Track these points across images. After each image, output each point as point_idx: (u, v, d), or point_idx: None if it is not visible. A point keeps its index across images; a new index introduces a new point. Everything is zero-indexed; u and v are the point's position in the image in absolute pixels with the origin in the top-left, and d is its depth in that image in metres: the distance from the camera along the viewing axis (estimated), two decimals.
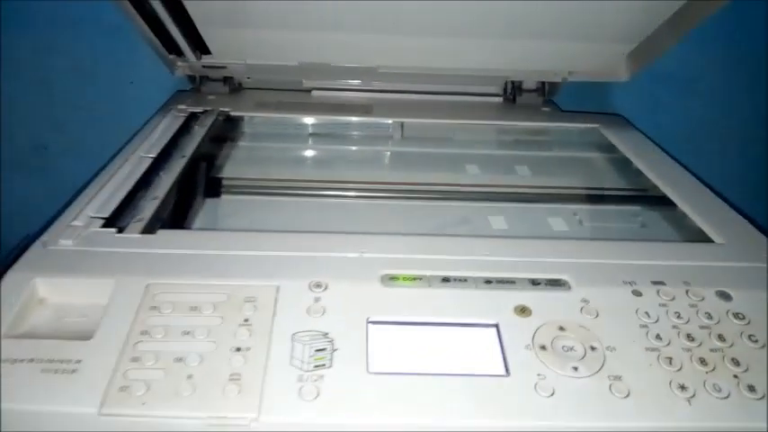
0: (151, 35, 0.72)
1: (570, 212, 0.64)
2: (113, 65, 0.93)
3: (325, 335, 0.40)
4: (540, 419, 0.36)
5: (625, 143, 0.74)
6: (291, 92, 0.85)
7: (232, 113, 0.78)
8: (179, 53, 0.78)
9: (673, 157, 0.70)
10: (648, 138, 0.76)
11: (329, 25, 0.72)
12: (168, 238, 0.49)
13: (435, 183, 0.68)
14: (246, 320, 0.40)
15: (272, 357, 0.38)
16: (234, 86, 0.85)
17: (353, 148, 0.80)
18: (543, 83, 0.86)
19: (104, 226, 0.50)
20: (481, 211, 0.63)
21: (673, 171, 0.66)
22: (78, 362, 0.37)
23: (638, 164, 0.68)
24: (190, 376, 0.37)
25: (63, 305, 0.43)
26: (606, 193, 0.70)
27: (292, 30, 0.73)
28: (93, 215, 0.51)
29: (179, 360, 0.37)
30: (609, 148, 0.76)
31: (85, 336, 0.39)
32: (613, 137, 0.76)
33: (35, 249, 0.47)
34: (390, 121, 0.80)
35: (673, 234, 0.59)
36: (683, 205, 0.59)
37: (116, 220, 0.52)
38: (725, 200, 0.60)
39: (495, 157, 0.78)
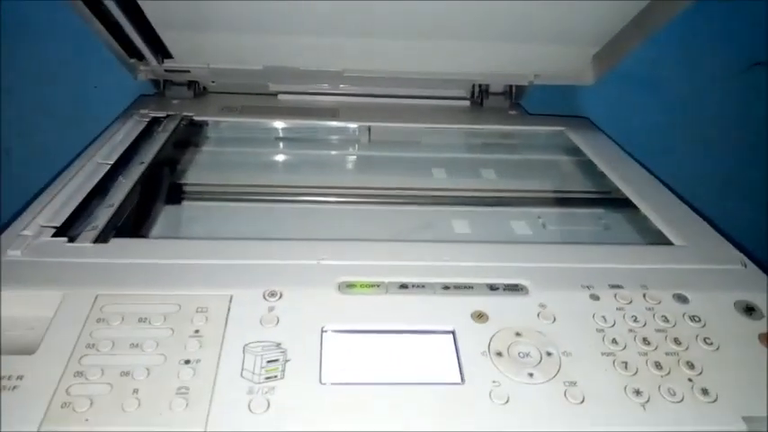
0: (110, 39, 0.70)
1: (534, 216, 0.64)
2: (77, 69, 0.91)
3: (278, 345, 0.39)
4: (494, 427, 0.35)
5: (590, 146, 0.74)
6: (257, 96, 0.84)
7: (196, 118, 0.77)
8: (141, 57, 0.76)
9: (636, 160, 0.70)
10: (613, 140, 0.76)
11: (294, 28, 0.71)
12: (121, 248, 0.48)
13: (401, 187, 0.68)
14: (197, 332, 0.39)
15: (222, 369, 0.37)
16: (198, 91, 0.84)
17: (319, 152, 0.79)
18: (510, 86, 0.86)
19: (56, 235, 0.49)
20: (445, 215, 0.63)
21: (636, 174, 0.67)
22: (20, 378, 0.36)
23: (602, 167, 0.69)
24: (136, 390, 0.35)
25: (8, 318, 0.41)
26: (570, 196, 0.70)
27: (256, 33, 0.72)
28: (44, 224, 0.50)
29: (125, 374, 0.36)
30: (574, 151, 0.76)
31: (29, 350, 0.38)
32: (579, 140, 0.76)
33: None
34: (357, 125, 0.79)
35: (635, 237, 0.60)
36: (644, 208, 0.59)
37: (68, 228, 0.50)
38: (686, 203, 0.60)
39: (462, 161, 0.78)
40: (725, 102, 0.99)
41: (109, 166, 0.61)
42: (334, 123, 0.79)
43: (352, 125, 0.79)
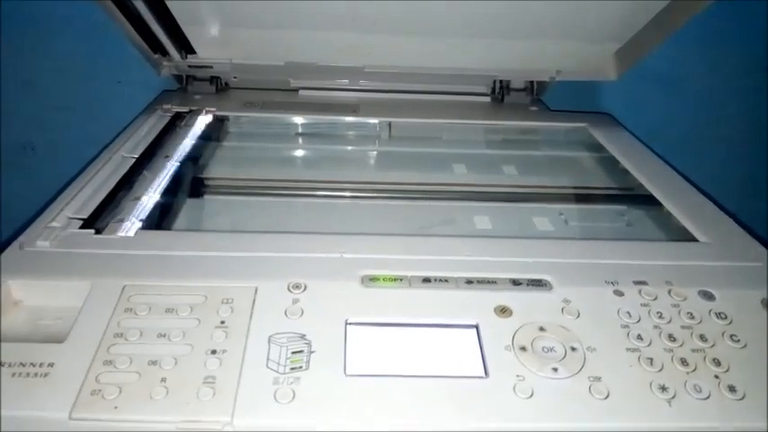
0: (135, 35, 0.71)
1: (556, 212, 0.63)
2: (101, 65, 0.92)
3: (303, 336, 0.39)
4: (518, 421, 0.35)
5: (612, 142, 0.74)
6: (278, 91, 0.85)
7: (218, 113, 0.78)
8: (164, 53, 0.77)
9: (660, 157, 0.69)
10: (636, 137, 0.76)
11: (316, 24, 0.71)
12: (147, 240, 0.48)
13: (421, 183, 0.68)
14: (223, 322, 0.40)
15: (247, 360, 0.37)
16: (220, 86, 0.85)
17: (340, 147, 0.79)
18: (531, 82, 0.85)
19: (83, 227, 0.50)
20: (467, 210, 0.63)
21: (659, 170, 0.66)
22: (51, 365, 0.36)
23: (625, 163, 0.68)
24: (163, 379, 0.36)
25: (38, 308, 0.42)
26: (592, 192, 0.70)
27: (279, 29, 0.73)
28: (71, 216, 0.51)
29: (153, 363, 0.37)
30: (596, 148, 0.75)
31: (59, 339, 0.38)
32: (601, 136, 0.76)
33: (12, 251, 0.46)
34: (377, 121, 0.80)
35: (658, 233, 0.59)
36: (668, 204, 0.59)
37: (95, 221, 0.51)
38: (711, 199, 0.60)
39: (483, 157, 0.78)
40: (746, 99, 0.98)
41: (134, 160, 0.61)
42: (355, 119, 0.79)
43: (373, 121, 0.79)
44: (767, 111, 0.98)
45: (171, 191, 0.61)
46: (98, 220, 0.51)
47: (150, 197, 0.56)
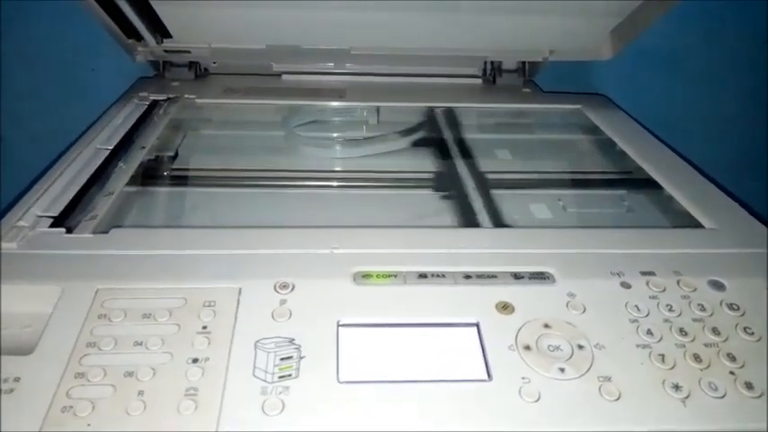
0: (107, 19, 0.67)
1: (554, 198, 0.61)
2: (73, 51, 0.88)
3: (292, 341, 0.36)
4: (526, 428, 0.33)
5: (609, 124, 0.71)
6: (260, 76, 0.81)
7: (197, 100, 0.74)
8: (138, 38, 0.73)
9: (658, 138, 0.67)
10: (633, 118, 0.73)
11: (298, 3, 0.67)
12: (122, 238, 0.45)
13: (412, 170, 0.65)
14: (205, 327, 0.37)
15: (232, 368, 0.35)
16: (199, 72, 0.81)
17: (326, 134, 0.76)
18: (524, 63, 0.83)
19: (53, 225, 0.46)
20: (461, 198, 0.60)
21: (658, 153, 0.64)
22: (17, 380, 0.33)
23: (623, 145, 0.66)
24: (141, 392, 0.33)
25: (3, 315, 0.39)
26: (591, 176, 0.67)
27: (259, 8, 0.69)
28: (40, 214, 0.48)
29: (129, 374, 0.34)
30: (592, 130, 0.73)
31: (26, 350, 0.35)
32: (597, 118, 0.73)
33: None
34: (365, 106, 0.76)
35: (661, 219, 0.57)
36: (670, 189, 0.57)
37: (66, 218, 0.48)
38: (713, 182, 0.57)
39: (475, 142, 0.75)
40: (744, 78, 0.96)
41: (108, 152, 0.58)
42: (342, 104, 0.76)
43: (361, 105, 0.76)
44: (764, 89, 0.96)
45: (148, 184, 0.58)
46: (69, 217, 0.48)
47: (126, 191, 0.53)
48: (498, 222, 0.53)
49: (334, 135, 0.75)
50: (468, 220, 0.55)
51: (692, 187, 0.56)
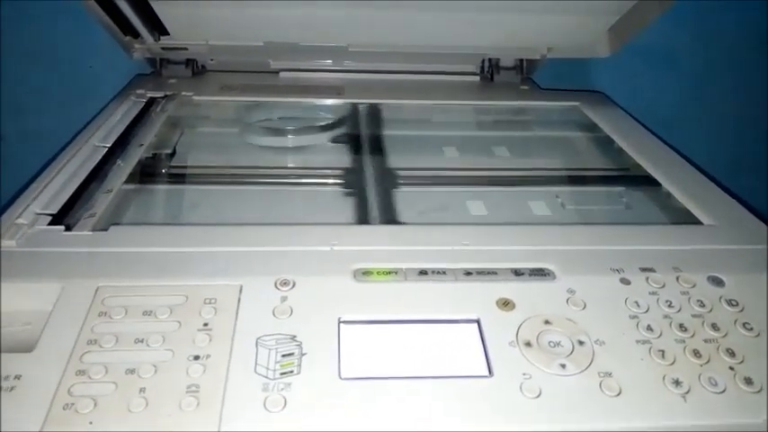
0: (104, 15, 0.67)
1: (552, 195, 0.61)
2: (70, 48, 0.88)
3: (293, 338, 0.36)
4: (527, 424, 0.33)
5: (606, 121, 0.71)
6: (258, 74, 0.81)
7: (195, 97, 0.74)
8: (135, 35, 0.73)
9: (656, 135, 0.67)
10: (630, 115, 0.73)
11: (296, 2, 0.67)
12: (122, 235, 0.45)
13: (410, 167, 0.65)
14: (206, 324, 0.37)
15: (234, 365, 0.35)
16: (197, 69, 0.81)
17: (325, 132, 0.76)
18: (521, 60, 0.83)
19: (52, 223, 0.46)
20: (459, 196, 0.60)
21: (657, 150, 0.64)
22: (18, 377, 0.33)
23: (621, 142, 0.66)
24: (142, 389, 0.33)
25: (3, 314, 0.39)
26: (589, 173, 0.67)
27: (257, 6, 0.69)
28: (39, 212, 0.47)
29: (131, 372, 0.34)
30: (590, 127, 0.73)
31: (27, 347, 0.35)
32: (594, 115, 0.73)
33: None
34: (363, 103, 0.76)
35: (659, 216, 0.57)
36: (668, 185, 0.57)
37: (65, 216, 0.48)
38: (711, 178, 0.58)
39: (473, 139, 0.75)
40: (741, 76, 0.96)
41: (106, 150, 0.58)
42: (340, 101, 0.76)
43: (358, 102, 0.76)
44: (760, 88, 0.96)
45: (146, 181, 0.58)
46: (68, 215, 0.48)
47: (124, 189, 0.53)
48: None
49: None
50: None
51: (691, 184, 0.56)
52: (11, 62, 0.88)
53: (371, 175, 0.63)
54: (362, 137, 0.71)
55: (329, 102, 0.76)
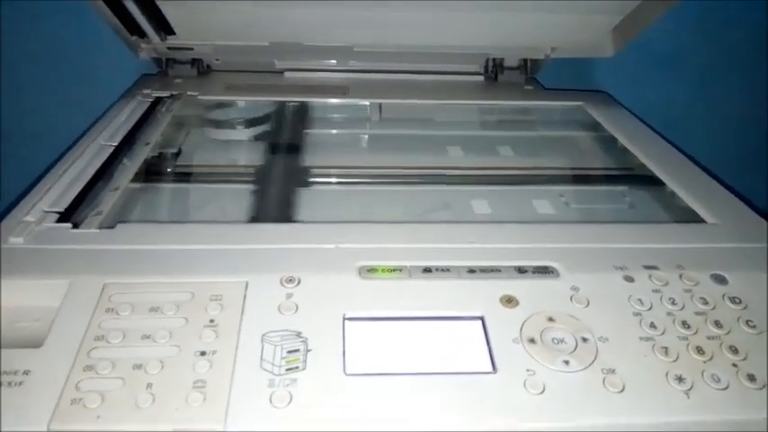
0: (110, 15, 0.67)
1: (556, 194, 0.61)
2: (77, 48, 0.88)
3: (299, 334, 0.37)
4: (531, 420, 0.33)
5: (610, 121, 0.71)
6: (263, 73, 0.81)
7: (200, 97, 0.74)
8: (142, 34, 0.73)
9: (660, 135, 0.67)
10: (634, 115, 0.73)
11: (301, 2, 0.68)
12: (128, 233, 0.45)
13: (415, 166, 0.65)
14: (212, 321, 0.37)
15: (239, 361, 0.35)
16: (202, 69, 0.81)
17: (329, 131, 0.76)
18: (525, 60, 0.83)
19: (59, 221, 0.47)
20: (463, 195, 0.60)
21: (660, 149, 0.64)
22: (26, 373, 0.34)
23: (625, 142, 0.66)
24: (149, 385, 0.33)
25: (12, 309, 0.39)
26: (592, 173, 0.68)
27: (262, 6, 0.69)
28: (47, 209, 0.48)
29: (138, 367, 0.34)
30: (594, 127, 0.73)
31: (36, 343, 0.36)
32: (598, 114, 0.73)
33: None
34: (368, 103, 0.76)
35: (663, 214, 0.57)
36: (672, 184, 0.57)
37: (72, 214, 0.48)
38: (715, 177, 0.58)
39: (478, 138, 0.75)
40: (745, 75, 0.96)
41: (113, 148, 0.58)
42: (344, 101, 0.76)
43: (363, 102, 0.76)
44: (764, 87, 0.96)
45: (153, 180, 0.58)
46: (75, 213, 0.48)
47: (131, 187, 0.53)
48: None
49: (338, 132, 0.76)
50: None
51: (694, 183, 0.57)
52: (16, 61, 0.88)
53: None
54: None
55: (334, 101, 0.76)
